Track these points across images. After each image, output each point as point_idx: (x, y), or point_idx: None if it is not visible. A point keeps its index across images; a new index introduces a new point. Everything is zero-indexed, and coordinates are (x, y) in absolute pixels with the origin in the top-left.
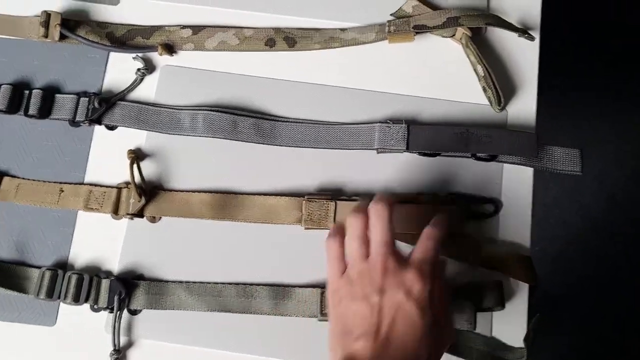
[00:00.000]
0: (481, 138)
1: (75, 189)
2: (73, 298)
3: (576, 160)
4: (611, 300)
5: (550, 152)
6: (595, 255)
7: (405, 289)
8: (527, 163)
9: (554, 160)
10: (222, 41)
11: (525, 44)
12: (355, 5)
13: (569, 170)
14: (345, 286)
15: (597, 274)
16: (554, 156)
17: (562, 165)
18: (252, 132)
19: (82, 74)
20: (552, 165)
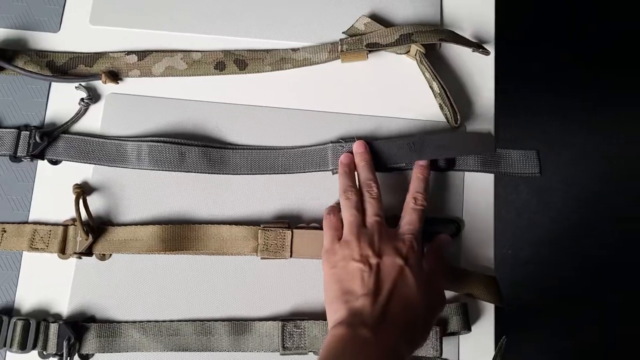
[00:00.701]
0: (437, 142)
1: (18, 229)
2: (19, 346)
3: (534, 162)
4: (585, 299)
5: (508, 155)
6: (566, 255)
7: (402, 256)
8: (486, 168)
9: (512, 163)
10: (170, 66)
11: (480, 58)
12: (306, 25)
13: (527, 172)
14: (342, 249)
15: (569, 274)
16: (512, 159)
17: (520, 168)
18: (201, 162)
19: (23, 106)
20: (511, 169)
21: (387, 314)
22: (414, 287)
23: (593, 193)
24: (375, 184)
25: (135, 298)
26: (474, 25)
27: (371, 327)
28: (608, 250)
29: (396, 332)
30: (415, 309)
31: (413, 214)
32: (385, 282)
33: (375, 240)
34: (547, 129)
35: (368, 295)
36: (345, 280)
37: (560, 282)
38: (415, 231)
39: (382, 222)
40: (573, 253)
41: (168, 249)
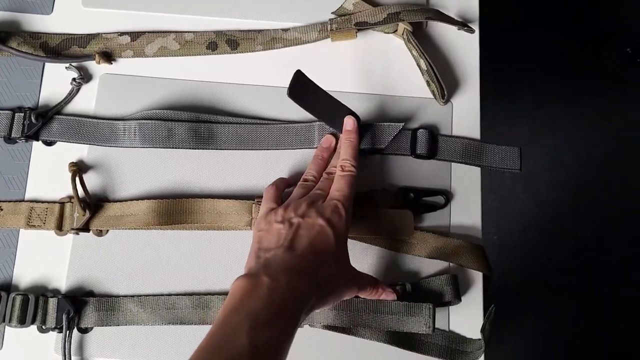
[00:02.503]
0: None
1: (15, 207)
2: (19, 320)
3: (515, 158)
4: (569, 283)
5: (490, 150)
6: (551, 240)
7: (325, 217)
8: (466, 161)
9: (493, 158)
10: (162, 47)
11: (466, 36)
12: (296, 5)
13: (508, 168)
14: (269, 216)
15: (554, 259)
16: (493, 155)
17: (502, 163)
18: (189, 138)
19: (17, 87)
20: (493, 164)
21: (296, 264)
22: (332, 245)
23: (577, 179)
24: (351, 162)
25: (132, 273)
26: (458, 5)
27: (271, 274)
28: (592, 235)
29: (298, 281)
30: (329, 266)
31: (341, 180)
32: (302, 239)
33: (303, 206)
34: (533, 115)
35: (279, 248)
36: (264, 240)
37: (545, 267)
38: (343, 197)
39: (321, 195)
40: (558, 238)
41: (164, 223)
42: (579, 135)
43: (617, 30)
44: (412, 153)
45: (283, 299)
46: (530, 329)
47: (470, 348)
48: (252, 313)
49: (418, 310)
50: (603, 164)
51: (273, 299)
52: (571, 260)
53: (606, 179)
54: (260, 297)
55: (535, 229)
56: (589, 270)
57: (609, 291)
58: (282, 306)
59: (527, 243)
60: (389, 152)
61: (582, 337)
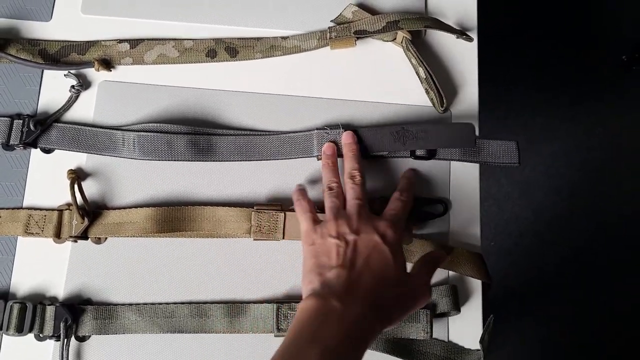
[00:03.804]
0: (417, 134)
1: (13, 214)
2: (16, 329)
3: (513, 152)
4: (566, 288)
5: (488, 145)
6: (548, 246)
7: (379, 233)
8: (466, 158)
9: (491, 153)
10: (162, 54)
11: (464, 45)
12: (295, 13)
13: (507, 162)
14: (320, 228)
15: (551, 265)
16: (491, 149)
17: (500, 158)
18: (189, 150)
19: (16, 94)
20: (491, 159)
21: (359, 286)
22: (390, 263)
23: (573, 185)
24: (359, 172)
25: (130, 281)
26: (457, 14)
27: (340, 298)
28: (588, 241)
29: (365, 305)
30: (390, 285)
31: (398, 203)
32: (360, 256)
33: (354, 220)
34: (528, 123)
35: (341, 267)
36: (321, 255)
37: (541, 273)
38: (399, 217)
39: (362, 205)
40: (554, 244)
41: (162, 231)
42: (574, 143)
43: (612, 37)
44: (411, 155)
45: (353, 326)
46: (527, 334)
47: (468, 358)
48: (321, 338)
49: (415, 316)
50: (599, 170)
51: (343, 326)
52: (567, 266)
53: (602, 185)
54: (330, 322)
55: (531, 235)
56: (585, 276)
57: (606, 296)
58: (351, 333)
59: (523, 248)
60: (389, 155)
61: (578, 341)
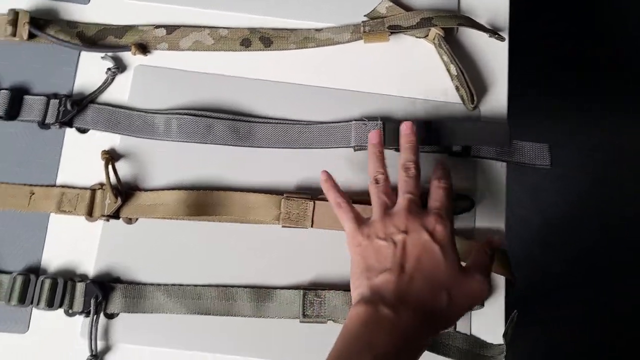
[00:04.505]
0: (455, 130)
1: (47, 192)
2: (47, 303)
3: (545, 155)
4: (575, 296)
5: (520, 146)
6: (557, 253)
7: (429, 230)
8: (500, 157)
9: (524, 154)
10: (197, 41)
11: (494, 44)
12: (329, 7)
13: (538, 164)
14: (367, 228)
15: (560, 272)
16: (524, 150)
17: (532, 159)
18: (228, 135)
19: (52, 74)
20: (523, 159)
21: (410, 292)
22: (441, 263)
23: (584, 192)
24: (414, 164)
25: (159, 261)
26: (488, 13)
27: (392, 305)
28: (598, 249)
29: (418, 312)
30: (443, 287)
31: (439, 191)
32: (409, 258)
33: (402, 218)
34: (539, 130)
35: (390, 271)
36: (368, 257)
37: (550, 280)
38: (444, 208)
39: (413, 199)
40: (564, 251)
41: (193, 214)
42: (585, 149)
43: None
44: (446, 150)
45: (405, 334)
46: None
47: (491, 353)
48: (373, 346)
49: None
50: (610, 177)
51: (395, 334)
52: (577, 274)
53: (613, 192)
54: (382, 331)
55: (540, 242)
56: (595, 284)
57: (617, 306)
58: (404, 341)
59: (532, 256)
60: (424, 150)
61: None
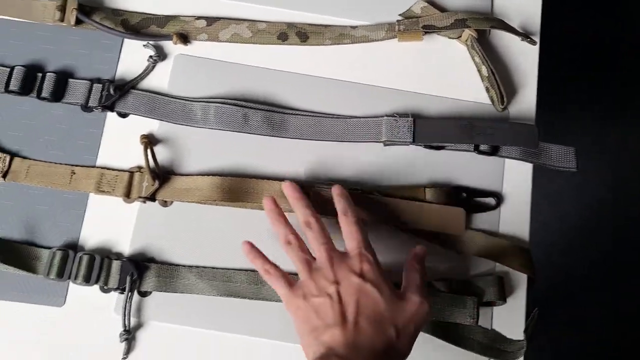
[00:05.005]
0: (485, 130)
1: (87, 172)
2: (84, 278)
3: (571, 158)
4: (594, 302)
5: (547, 149)
6: (575, 259)
7: (357, 273)
8: (526, 158)
9: (550, 156)
10: (236, 33)
11: (525, 47)
12: (364, 5)
13: (565, 166)
14: (299, 291)
15: (579, 278)
16: (550, 153)
17: (558, 162)
18: (263, 125)
19: (95, 60)
20: (549, 162)
21: (358, 338)
22: (379, 301)
23: (603, 199)
24: (313, 217)
25: (191, 244)
26: (521, 17)
27: (345, 357)
28: (617, 255)
29: (371, 356)
30: (388, 323)
31: (350, 226)
32: (348, 306)
33: (328, 270)
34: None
35: (335, 326)
36: (310, 318)
37: (569, 285)
38: (361, 243)
39: (329, 248)
40: (582, 257)
41: (227, 200)
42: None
43: None
44: (475, 149)
45: None
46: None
47: (511, 348)
48: None
49: (462, 302)
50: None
51: None
52: (596, 280)
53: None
54: None
55: (559, 248)
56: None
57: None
58: None
59: (551, 261)
60: (452, 148)
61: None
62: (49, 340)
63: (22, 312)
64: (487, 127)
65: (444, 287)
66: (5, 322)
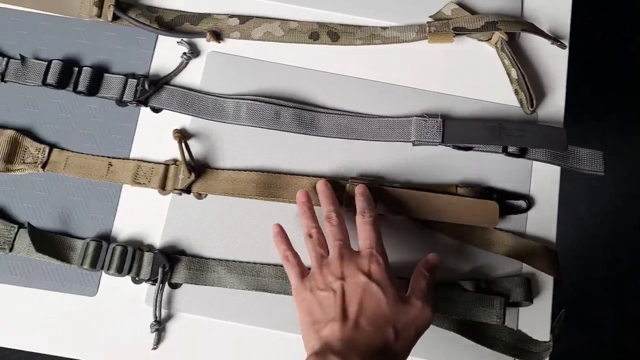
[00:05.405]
0: (513, 132)
1: (124, 164)
2: (116, 269)
3: (599, 162)
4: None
5: (576, 152)
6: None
7: (364, 272)
8: (554, 161)
9: (578, 160)
10: (268, 32)
11: (554, 51)
12: (394, 6)
13: (592, 170)
14: (308, 282)
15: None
16: (579, 156)
17: (586, 165)
18: (294, 122)
19: (130, 55)
20: (577, 165)
21: (357, 336)
22: (382, 301)
23: (619, 206)
24: (335, 213)
25: (222, 238)
26: (550, 20)
27: (340, 354)
28: (632, 262)
29: (367, 354)
30: (388, 323)
31: (365, 227)
32: (351, 303)
33: (337, 265)
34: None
35: (335, 321)
36: (314, 311)
37: (583, 291)
38: (374, 244)
39: (343, 245)
40: (596, 263)
41: (261, 195)
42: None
43: None
44: (503, 151)
45: None
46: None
47: (537, 349)
48: None
49: (490, 302)
50: None
51: None
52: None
53: None
54: None
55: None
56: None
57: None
58: None
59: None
60: (480, 149)
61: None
62: (81, 329)
63: (55, 300)
64: (516, 129)
65: (471, 287)
66: (39, 310)
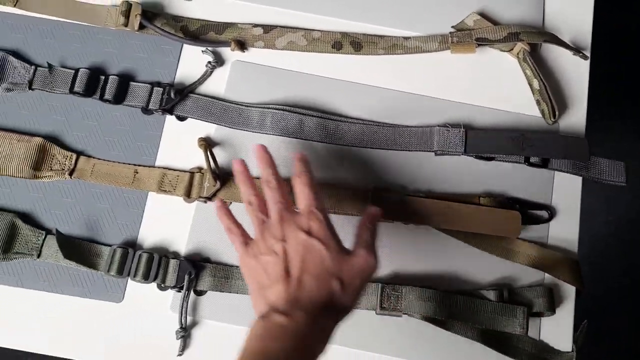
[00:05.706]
0: (536, 142)
1: (150, 172)
2: (143, 276)
3: (621, 172)
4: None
5: (597, 162)
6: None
7: (304, 230)
8: (576, 171)
9: (600, 170)
10: (291, 41)
11: (576, 62)
12: (417, 17)
13: (614, 180)
14: (250, 250)
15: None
16: (600, 167)
17: (608, 176)
18: (317, 131)
19: (156, 64)
20: (599, 175)
21: (300, 293)
22: (325, 255)
23: (634, 218)
24: (273, 176)
25: None
26: (571, 31)
27: (284, 312)
28: None
29: (314, 309)
30: (332, 276)
31: (300, 185)
32: (293, 262)
33: (278, 227)
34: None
35: (279, 282)
36: (259, 276)
37: (595, 301)
38: (312, 202)
39: (282, 207)
40: (610, 273)
41: None
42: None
43: None
44: (525, 161)
45: (300, 334)
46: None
47: (559, 359)
48: (269, 355)
49: (513, 312)
50: None
51: (287, 337)
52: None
53: None
54: (275, 338)
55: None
56: None
57: None
58: (300, 341)
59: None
60: (503, 159)
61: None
62: (108, 335)
63: (82, 306)
64: (538, 139)
65: (494, 297)
66: (66, 316)
